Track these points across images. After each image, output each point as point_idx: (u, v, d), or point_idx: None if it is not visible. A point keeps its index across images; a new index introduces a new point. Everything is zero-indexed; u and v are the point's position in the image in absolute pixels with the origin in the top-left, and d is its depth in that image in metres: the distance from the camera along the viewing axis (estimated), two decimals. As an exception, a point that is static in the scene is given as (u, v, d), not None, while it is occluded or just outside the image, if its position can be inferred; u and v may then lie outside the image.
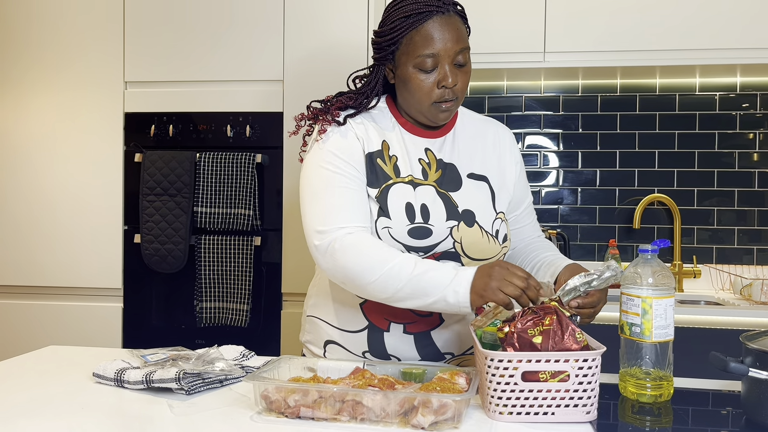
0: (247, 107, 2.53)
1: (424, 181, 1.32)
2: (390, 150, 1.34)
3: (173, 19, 2.59)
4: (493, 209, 1.35)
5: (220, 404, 1.14)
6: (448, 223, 1.30)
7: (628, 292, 1.17)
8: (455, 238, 1.30)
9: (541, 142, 2.89)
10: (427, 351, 1.36)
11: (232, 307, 2.47)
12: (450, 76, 1.27)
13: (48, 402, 1.14)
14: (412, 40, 1.28)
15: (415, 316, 1.33)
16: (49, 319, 2.64)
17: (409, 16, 1.27)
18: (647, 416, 1.11)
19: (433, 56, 1.27)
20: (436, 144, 1.37)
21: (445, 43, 1.26)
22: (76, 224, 2.63)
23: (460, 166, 1.36)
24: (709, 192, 2.79)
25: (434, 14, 1.26)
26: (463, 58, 1.29)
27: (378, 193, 1.30)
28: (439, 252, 1.30)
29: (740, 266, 2.74)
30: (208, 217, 2.48)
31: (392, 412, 1.02)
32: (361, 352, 1.39)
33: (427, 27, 1.26)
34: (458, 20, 1.29)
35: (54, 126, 2.66)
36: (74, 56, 2.64)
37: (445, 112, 1.32)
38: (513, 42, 2.53)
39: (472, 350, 1.39)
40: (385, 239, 1.28)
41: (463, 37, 1.30)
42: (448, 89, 1.28)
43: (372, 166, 1.32)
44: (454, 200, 1.32)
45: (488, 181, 1.37)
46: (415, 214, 1.29)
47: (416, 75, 1.28)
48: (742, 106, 2.77)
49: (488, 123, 1.45)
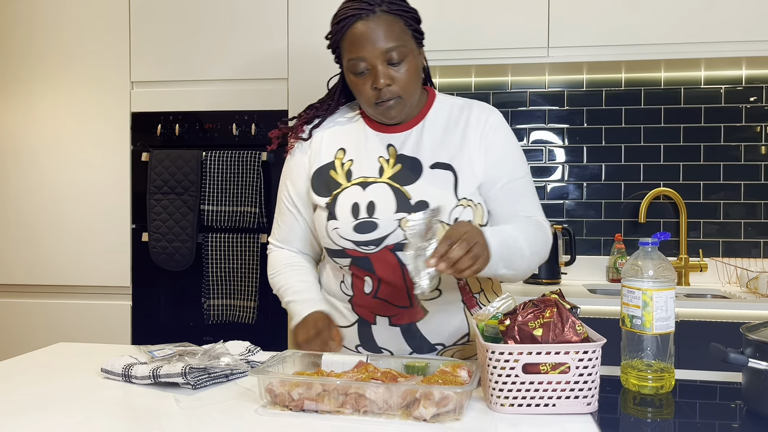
0: (252, 106, 2.55)
1: (378, 179, 1.35)
2: (346, 156, 1.39)
3: (178, 19, 2.61)
4: (454, 197, 1.32)
5: (225, 398, 1.16)
6: (397, 215, 1.31)
7: (629, 284, 1.18)
8: (405, 229, 1.30)
9: (546, 137, 2.89)
10: (416, 342, 1.38)
11: (240, 304, 2.50)
12: (381, 77, 1.28)
13: (57, 397, 1.17)
14: (344, 45, 1.31)
15: (397, 309, 1.36)
16: (59, 317, 2.67)
17: (338, 22, 1.31)
18: (649, 408, 1.12)
19: (362, 59, 1.28)
20: (399, 139, 1.38)
21: (372, 44, 1.27)
22: (84, 223, 2.66)
23: (423, 158, 1.35)
24: (716, 185, 2.78)
25: (359, 17, 1.28)
26: (397, 56, 1.28)
27: (329, 200, 1.37)
28: (392, 244, 1.32)
29: (748, 259, 2.73)
30: (215, 215, 2.50)
31: (395, 405, 1.04)
32: (354, 346, 1.42)
33: (352, 31, 1.29)
34: (388, 19, 1.28)
35: (62, 127, 2.68)
36: (81, 57, 2.67)
37: (391, 110, 1.32)
38: (517, 37, 2.54)
39: (463, 340, 1.40)
40: (335, 239, 1.35)
41: (395, 35, 1.28)
42: (381, 90, 1.29)
43: (322, 178, 1.40)
44: (407, 193, 1.33)
45: (452, 169, 1.34)
46: (360, 211, 1.33)
47: (353, 79, 1.32)
48: (749, 99, 2.76)
49: (465, 107, 1.40)
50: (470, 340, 1.41)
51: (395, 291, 1.35)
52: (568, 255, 2.79)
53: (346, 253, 1.35)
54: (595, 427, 1.02)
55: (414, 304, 1.35)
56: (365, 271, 1.35)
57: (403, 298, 1.35)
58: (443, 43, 2.56)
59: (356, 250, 1.34)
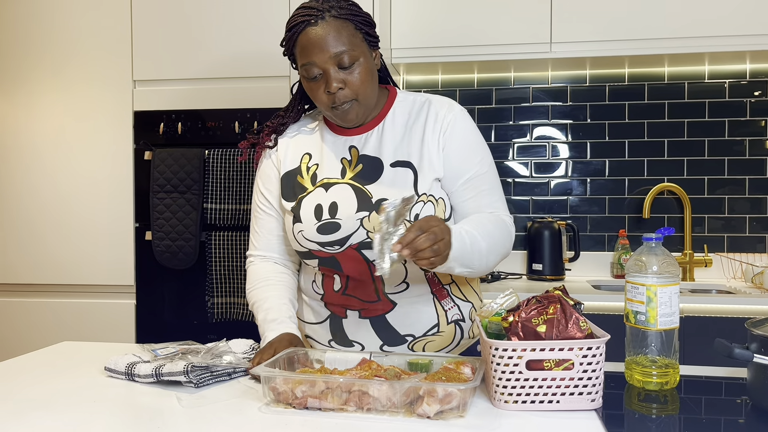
0: (255, 103, 2.54)
1: (340, 180, 1.37)
2: (311, 160, 1.42)
3: (180, 17, 2.61)
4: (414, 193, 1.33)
5: (228, 396, 1.16)
6: (358, 214, 1.33)
7: (632, 280, 1.17)
8: (367, 228, 1.33)
9: (550, 133, 2.88)
10: (386, 334, 1.40)
11: (244, 302, 2.49)
12: (333, 81, 1.29)
13: (61, 395, 1.17)
14: (295, 52, 1.33)
15: (366, 303, 1.38)
16: (63, 316, 2.68)
17: (290, 29, 1.32)
18: (653, 404, 1.11)
19: (314, 64, 1.30)
20: (360, 140, 1.40)
21: (321, 49, 1.28)
22: (87, 222, 2.66)
23: (384, 157, 1.37)
24: (720, 180, 2.77)
25: (308, 24, 1.29)
26: (348, 60, 1.29)
27: (294, 205, 1.39)
28: (355, 243, 1.33)
29: (753, 254, 2.72)
30: (218, 213, 2.50)
31: (398, 402, 1.03)
32: (327, 341, 1.46)
33: (303, 37, 1.30)
34: (337, 24, 1.29)
35: (64, 125, 2.69)
36: (83, 56, 2.67)
37: (347, 114, 1.33)
38: (519, 33, 2.53)
39: (433, 331, 1.41)
40: (300, 241, 1.38)
41: (343, 40, 1.28)
42: (335, 95, 1.30)
43: (289, 183, 1.42)
44: (368, 192, 1.34)
45: (411, 166, 1.35)
46: (323, 213, 1.35)
47: (308, 84, 1.34)
48: (753, 94, 2.75)
49: (425, 104, 1.40)
50: (441, 331, 1.41)
51: (363, 287, 1.38)
52: (572, 251, 2.78)
53: (313, 255, 1.38)
54: (599, 423, 1.01)
55: (382, 298, 1.38)
56: (333, 270, 1.39)
57: (370, 293, 1.38)
58: (445, 39, 2.55)
59: (322, 250, 1.36)
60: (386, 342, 1.41)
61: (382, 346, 1.41)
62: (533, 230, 2.76)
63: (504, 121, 2.90)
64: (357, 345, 1.42)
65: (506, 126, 2.90)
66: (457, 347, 1.46)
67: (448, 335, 1.43)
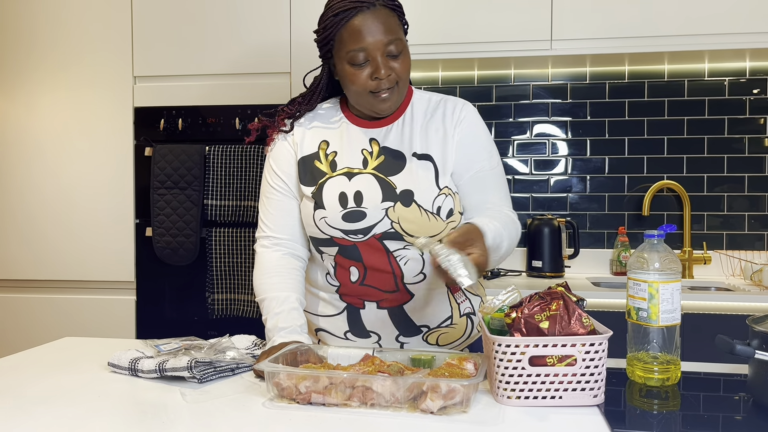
0: (255, 100, 2.55)
1: (363, 170, 1.38)
2: (329, 147, 1.41)
3: (180, 13, 2.60)
4: (435, 186, 1.36)
5: (232, 392, 1.16)
6: (384, 204, 1.35)
7: (634, 276, 1.18)
8: (392, 219, 1.34)
9: (550, 130, 2.89)
10: (403, 325, 1.41)
11: (244, 298, 2.50)
12: (382, 67, 1.31)
13: (65, 391, 1.17)
14: (342, 37, 1.33)
15: (384, 293, 1.39)
16: (64, 312, 2.68)
17: (336, 14, 1.32)
18: (655, 399, 1.12)
19: (363, 50, 1.31)
20: (381, 133, 1.41)
21: (373, 36, 1.30)
22: (88, 219, 2.66)
23: (406, 151, 1.39)
24: (719, 178, 2.78)
25: (360, 10, 1.30)
26: (395, 49, 1.32)
27: (314, 190, 1.39)
28: (379, 233, 1.35)
29: (751, 252, 2.73)
30: (219, 209, 2.50)
31: (401, 398, 1.04)
32: (343, 332, 1.46)
33: (354, 22, 1.31)
34: (387, 12, 1.32)
35: (65, 122, 2.68)
36: (83, 52, 2.66)
37: (385, 102, 1.35)
38: (520, 30, 2.53)
39: (447, 323, 1.43)
40: (323, 228, 1.37)
41: (393, 28, 1.32)
42: (382, 80, 1.32)
43: (307, 168, 1.41)
44: (392, 183, 1.36)
45: (431, 159, 1.38)
46: (348, 201, 1.35)
47: (350, 70, 1.34)
48: (752, 91, 2.75)
49: (441, 102, 1.45)
50: (453, 323, 1.44)
51: (382, 277, 1.38)
52: (572, 248, 2.79)
53: (334, 242, 1.38)
54: (602, 419, 1.02)
55: (400, 287, 1.39)
56: (351, 260, 1.38)
57: (389, 283, 1.38)
58: (446, 36, 2.55)
59: (345, 238, 1.37)
60: (402, 332, 1.42)
61: (398, 336, 1.42)
62: (533, 227, 2.76)
63: (504, 118, 2.90)
64: (374, 335, 1.43)
65: (506, 123, 2.90)
66: (468, 339, 1.48)
67: (460, 328, 1.45)
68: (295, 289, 1.42)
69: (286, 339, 1.32)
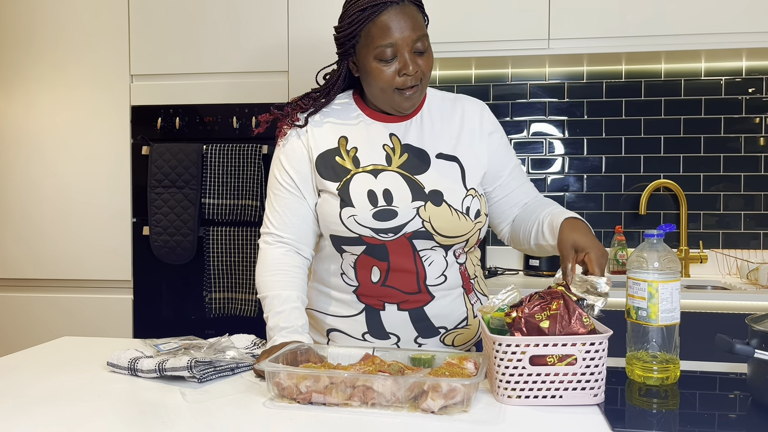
0: (253, 99, 2.54)
1: (388, 167, 1.37)
2: (348, 144, 1.40)
3: (178, 11, 2.60)
4: (463, 187, 1.38)
5: (232, 391, 1.16)
6: (414, 203, 1.34)
7: (634, 276, 1.18)
8: (423, 218, 1.34)
9: (547, 129, 2.89)
10: (422, 326, 1.41)
11: (242, 297, 2.50)
12: (410, 63, 1.32)
13: (64, 390, 1.17)
14: (369, 32, 1.32)
15: (406, 295, 1.38)
16: (61, 311, 2.67)
17: (364, 9, 1.32)
18: (654, 398, 1.12)
19: (392, 46, 1.31)
20: (401, 129, 1.41)
21: (402, 32, 1.30)
22: (85, 217, 2.66)
23: (428, 148, 1.39)
24: (716, 177, 2.79)
25: (389, 5, 1.31)
26: (422, 45, 1.33)
27: (339, 186, 1.37)
28: (410, 232, 1.34)
29: (747, 251, 2.74)
30: (216, 208, 2.50)
31: (402, 397, 1.04)
32: (360, 333, 1.43)
33: (383, 18, 1.30)
34: (414, 9, 1.33)
35: (61, 121, 2.68)
36: (80, 51, 2.66)
37: (409, 100, 1.35)
38: (517, 29, 2.53)
39: (462, 324, 1.44)
40: (351, 227, 1.35)
41: (420, 25, 1.33)
42: (410, 76, 1.33)
43: (327, 164, 1.39)
44: (420, 182, 1.36)
45: (458, 160, 1.39)
46: (378, 199, 1.34)
47: (377, 65, 1.33)
48: (748, 91, 2.76)
49: (457, 101, 1.47)
50: (468, 324, 1.45)
51: (406, 278, 1.37)
52: (569, 247, 2.79)
53: (362, 241, 1.36)
54: (602, 418, 1.02)
55: (422, 289, 1.38)
56: (376, 259, 1.37)
57: (412, 284, 1.38)
58: (444, 35, 2.55)
59: (374, 237, 1.35)
60: (421, 334, 1.41)
61: (417, 338, 1.42)
62: (530, 226, 2.77)
63: (501, 117, 2.90)
64: (393, 337, 1.42)
65: (503, 122, 2.90)
66: (479, 338, 1.50)
67: (473, 328, 1.46)
68: (297, 288, 1.41)
69: (287, 339, 1.31)
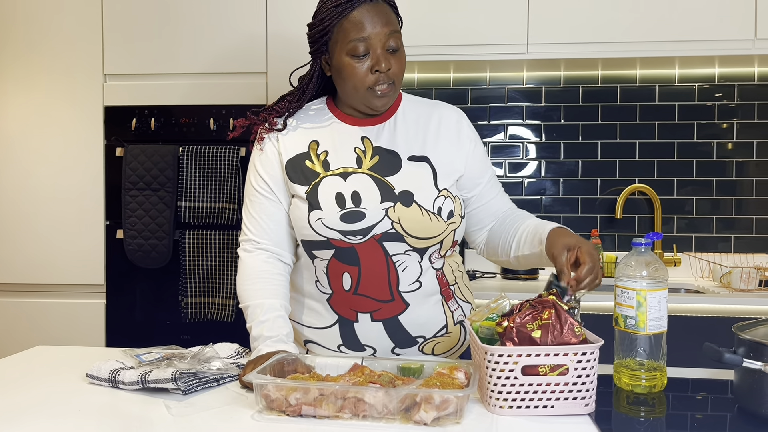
0: (231, 100, 2.51)
1: (358, 169, 1.36)
2: (319, 148, 1.39)
3: (153, 9, 2.54)
4: (434, 187, 1.36)
5: (218, 403, 1.14)
6: (383, 204, 1.33)
7: (622, 285, 1.19)
8: (392, 219, 1.33)
9: (523, 133, 2.91)
10: (398, 336, 1.39)
11: (218, 302, 2.46)
12: (383, 60, 1.31)
13: (42, 404, 1.13)
14: (342, 27, 1.32)
15: (379, 303, 1.36)
16: (31, 316, 2.60)
17: (338, 5, 1.32)
18: (642, 406, 1.13)
19: (364, 41, 1.30)
20: (373, 132, 1.40)
21: (374, 28, 1.30)
22: (56, 220, 2.59)
23: (400, 151, 1.38)
24: (688, 181, 2.84)
25: (362, 2, 1.31)
26: (395, 43, 1.33)
27: (308, 190, 1.36)
28: (379, 234, 1.33)
29: (717, 254, 2.79)
30: (192, 211, 2.45)
31: (394, 409, 1.03)
32: (335, 346, 1.42)
33: (355, 14, 1.31)
34: (387, 7, 1.34)
35: (32, 120, 2.60)
36: (52, 49, 2.58)
37: (382, 98, 1.34)
38: (497, 34, 2.54)
39: (442, 332, 1.42)
40: (319, 230, 1.34)
41: (392, 22, 1.33)
42: (382, 74, 1.32)
43: (296, 168, 1.38)
44: (390, 183, 1.35)
45: (429, 161, 1.38)
46: (346, 201, 1.33)
47: (349, 62, 1.32)
48: (718, 96, 2.81)
49: (433, 106, 1.46)
50: (448, 332, 1.43)
51: (377, 285, 1.35)
52: (546, 250, 2.81)
53: (331, 244, 1.34)
54: (594, 427, 1.03)
55: (395, 296, 1.36)
56: (346, 264, 1.35)
57: (384, 292, 1.36)
58: (423, 38, 2.55)
59: (342, 240, 1.33)
60: (398, 344, 1.39)
61: (394, 349, 1.39)
62: (508, 230, 2.78)
63: (479, 121, 2.91)
64: (369, 348, 1.39)
65: (481, 126, 2.91)
66: (462, 347, 1.47)
67: (454, 336, 1.44)
68: (279, 296, 1.38)
69: (273, 348, 1.29)
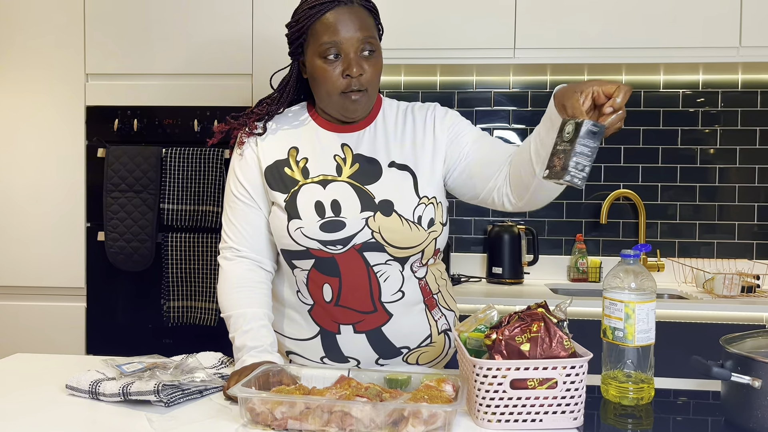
0: (215, 102, 2.47)
1: (337, 177, 1.34)
2: (299, 154, 1.37)
3: (137, 8, 2.51)
4: (415, 195, 1.34)
5: (202, 416, 1.11)
6: (363, 214, 1.31)
7: (611, 296, 1.18)
8: (372, 228, 1.31)
9: (510, 137, 2.91)
10: (382, 347, 1.37)
11: (201, 305, 2.43)
12: (354, 65, 1.29)
13: (20, 416, 1.10)
14: (315, 29, 1.30)
15: (361, 314, 1.34)
16: (8, 319, 2.55)
17: (312, 7, 1.30)
18: (629, 419, 1.13)
19: (336, 45, 1.29)
20: (353, 139, 1.38)
21: (347, 32, 1.29)
22: (36, 221, 2.54)
23: (380, 158, 1.36)
24: (672, 187, 2.85)
25: (337, 5, 1.29)
26: (369, 48, 1.31)
27: (287, 198, 1.33)
28: (359, 243, 1.31)
29: (700, 259, 2.81)
30: (175, 214, 2.42)
31: (381, 423, 1.01)
32: (318, 358, 1.39)
33: (328, 16, 1.29)
34: (363, 12, 1.32)
35: (11, 120, 2.55)
36: (32, 48, 2.54)
37: (355, 103, 1.32)
38: (484, 38, 2.53)
39: (426, 342, 1.40)
40: (298, 239, 1.31)
41: (368, 27, 1.31)
42: (354, 79, 1.29)
43: (275, 175, 1.36)
44: (370, 192, 1.33)
45: (410, 169, 1.36)
46: (325, 210, 1.31)
47: (321, 65, 1.30)
48: (701, 102, 2.83)
49: (414, 110, 1.43)
50: (433, 342, 1.41)
51: (359, 296, 1.33)
52: (531, 255, 2.82)
53: (310, 254, 1.32)
54: (582, 442, 1.02)
55: (378, 307, 1.34)
56: (326, 275, 1.32)
57: (366, 303, 1.33)
58: (410, 41, 2.53)
59: (322, 249, 1.31)
60: (382, 355, 1.37)
61: (378, 360, 1.37)
62: (493, 234, 2.78)
63: (465, 125, 2.90)
64: (352, 360, 1.37)
65: (468, 129, 2.90)
66: (446, 357, 1.45)
67: (439, 345, 1.42)
68: (262, 304, 1.36)
69: (257, 359, 1.27)
